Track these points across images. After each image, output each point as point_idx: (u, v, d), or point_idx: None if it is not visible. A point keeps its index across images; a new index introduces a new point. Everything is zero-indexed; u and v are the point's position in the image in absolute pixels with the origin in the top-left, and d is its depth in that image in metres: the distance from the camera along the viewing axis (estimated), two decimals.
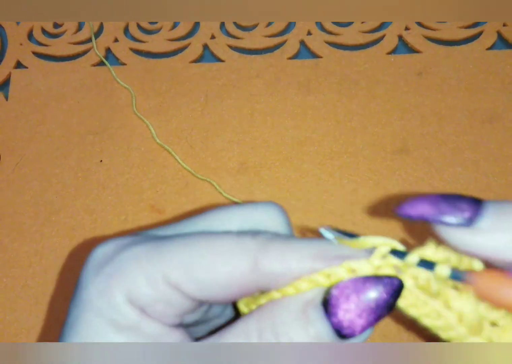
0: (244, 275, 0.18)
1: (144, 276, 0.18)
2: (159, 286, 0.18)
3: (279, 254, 0.18)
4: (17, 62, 0.53)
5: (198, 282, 0.18)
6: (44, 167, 0.48)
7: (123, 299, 0.18)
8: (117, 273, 0.19)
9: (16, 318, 0.42)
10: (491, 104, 0.47)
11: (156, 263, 0.19)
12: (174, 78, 0.51)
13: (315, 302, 0.18)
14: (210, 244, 0.19)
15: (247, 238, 0.19)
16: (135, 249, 0.19)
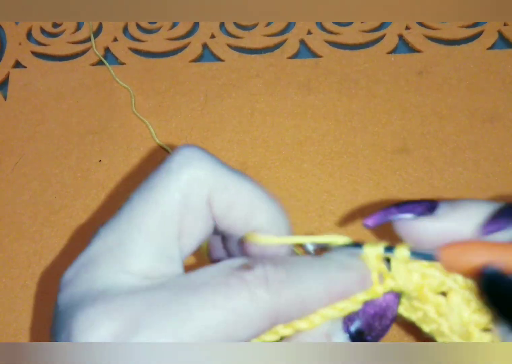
0: (266, 327, 0.18)
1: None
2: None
3: (299, 301, 0.19)
4: (16, 61, 0.53)
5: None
6: (43, 167, 0.48)
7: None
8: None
9: (15, 318, 0.42)
10: (492, 103, 0.47)
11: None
12: (174, 77, 0.51)
13: (336, 330, 0.19)
14: (225, 310, 0.17)
15: (261, 291, 0.18)
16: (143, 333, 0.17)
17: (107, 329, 0.17)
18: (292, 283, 0.19)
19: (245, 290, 0.18)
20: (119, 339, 0.17)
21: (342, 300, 0.19)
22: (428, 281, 0.20)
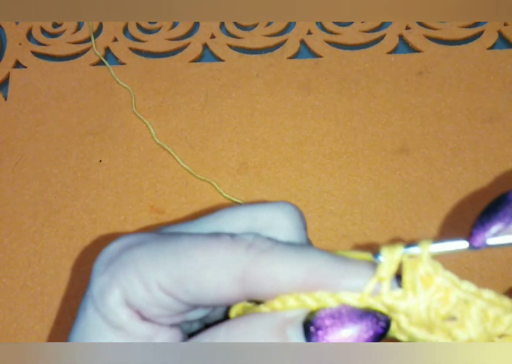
0: (232, 288, 0.19)
1: (140, 280, 0.19)
2: (154, 291, 0.19)
3: (269, 269, 0.18)
4: (16, 61, 0.53)
5: (189, 292, 0.19)
6: (43, 167, 0.48)
7: (119, 300, 0.19)
8: (118, 273, 0.19)
9: (15, 318, 0.42)
10: (492, 103, 0.47)
11: (151, 270, 0.19)
12: (174, 77, 0.51)
13: (295, 322, 0.18)
14: (202, 253, 0.19)
15: (241, 248, 0.19)
16: (136, 251, 0.20)
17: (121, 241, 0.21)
18: (272, 257, 0.18)
19: (228, 244, 0.19)
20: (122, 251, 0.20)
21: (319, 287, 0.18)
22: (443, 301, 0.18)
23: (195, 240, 0.19)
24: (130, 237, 0.21)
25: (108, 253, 0.21)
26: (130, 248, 0.20)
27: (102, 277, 0.20)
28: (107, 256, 0.21)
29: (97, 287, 0.20)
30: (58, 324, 0.42)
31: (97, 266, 0.21)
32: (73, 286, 0.43)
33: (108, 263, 0.20)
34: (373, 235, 0.43)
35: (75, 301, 0.43)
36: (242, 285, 0.18)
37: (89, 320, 0.20)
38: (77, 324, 0.20)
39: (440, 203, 0.44)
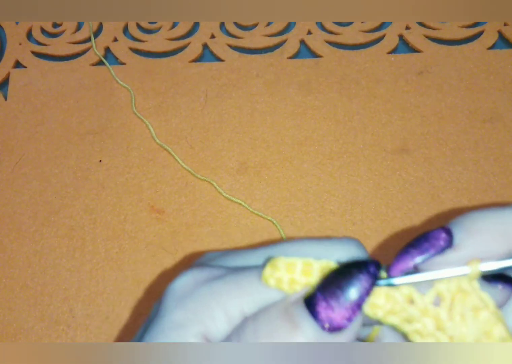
0: None
1: (224, 312, 0.19)
2: (236, 320, 0.19)
3: None
4: (16, 61, 0.53)
5: None
6: (43, 167, 0.48)
7: (197, 335, 0.19)
8: (198, 308, 0.19)
9: (15, 318, 0.42)
10: (492, 103, 0.47)
11: (235, 300, 0.19)
12: (174, 77, 0.51)
13: (299, 301, 0.19)
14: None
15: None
16: (214, 284, 0.20)
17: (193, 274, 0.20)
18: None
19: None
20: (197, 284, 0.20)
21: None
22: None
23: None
24: (200, 271, 0.20)
25: (180, 287, 0.20)
26: (207, 281, 0.20)
27: (175, 312, 0.19)
28: (180, 290, 0.20)
29: (170, 324, 0.19)
30: (58, 324, 0.42)
31: (167, 301, 0.20)
32: (73, 286, 0.43)
33: (181, 298, 0.20)
34: (373, 235, 0.43)
35: (75, 302, 0.43)
36: None
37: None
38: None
39: (440, 203, 0.44)
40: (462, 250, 0.19)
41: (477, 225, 0.19)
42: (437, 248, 0.19)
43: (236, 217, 0.44)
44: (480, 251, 0.19)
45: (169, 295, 0.20)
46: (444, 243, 0.19)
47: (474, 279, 0.19)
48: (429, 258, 0.19)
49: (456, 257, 0.19)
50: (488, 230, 0.19)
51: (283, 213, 0.44)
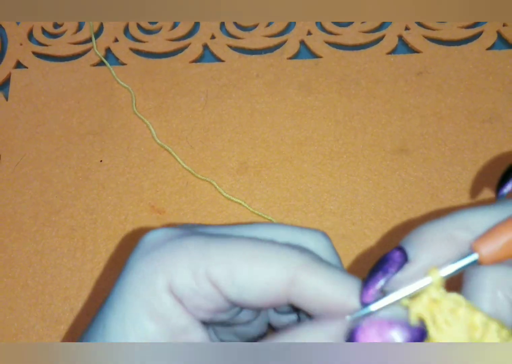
0: (280, 287, 0.19)
1: (190, 267, 0.19)
2: (201, 280, 0.19)
3: (319, 278, 0.19)
4: (17, 62, 0.53)
5: (237, 285, 0.19)
6: (44, 167, 0.48)
7: (164, 286, 0.19)
8: (165, 259, 0.19)
9: (16, 318, 0.42)
10: (491, 104, 0.47)
11: (203, 258, 0.19)
12: (174, 78, 0.51)
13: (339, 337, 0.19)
14: (256, 248, 0.19)
15: (295, 252, 0.19)
16: (186, 240, 0.20)
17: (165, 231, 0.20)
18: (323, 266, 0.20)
19: (284, 245, 0.20)
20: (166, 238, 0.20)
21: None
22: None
23: (250, 239, 0.20)
24: (172, 230, 0.21)
25: (150, 240, 0.20)
26: (180, 237, 0.20)
27: (143, 263, 0.19)
28: (150, 243, 0.20)
29: (138, 274, 0.19)
30: (59, 323, 0.42)
31: (137, 254, 0.20)
32: (74, 286, 0.43)
33: (149, 250, 0.20)
34: (372, 235, 0.43)
35: (76, 301, 0.43)
36: (288, 287, 0.19)
37: (128, 308, 0.19)
38: (113, 312, 0.19)
39: (439, 203, 0.44)
40: (418, 263, 0.20)
41: (425, 237, 0.20)
42: (396, 266, 0.20)
43: (236, 217, 0.44)
44: (433, 259, 0.20)
45: (138, 249, 0.20)
46: (401, 260, 0.20)
47: (439, 285, 0.20)
48: (391, 277, 0.20)
49: (415, 270, 0.20)
50: (435, 239, 0.20)
51: (283, 213, 0.44)
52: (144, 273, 0.19)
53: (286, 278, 0.19)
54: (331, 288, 0.19)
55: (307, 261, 0.19)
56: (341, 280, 0.19)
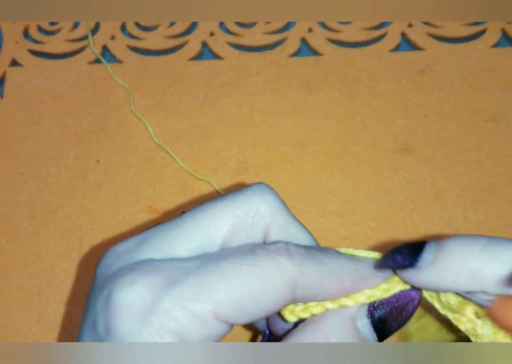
0: (285, 298, 0.20)
1: (194, 317, 0.18)
2: (210, 324, 0.19)
3: (316, 276, 0.20)
4: (12, 60, 0.52)
5: (248, 314, 0.19)
6: (40, 167, 0.47)
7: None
8: (165, 320, 0.18)
9: (12, 320, 0.42)
10: (495, 102, 0.47)
11: (203, 302, 0.18)
12: (173, 76, 0.50)
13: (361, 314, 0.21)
14: (251, 274, 0.19)
15: (284, 259, 0.20)
16: (175, 290, 0.18)
17: (144, 284, 0.18)
18: (312, 258, 0.20)
19: (270, 258, 0.19)
20: (154, 295, 0.18)
21: (356, 288, 0.21)
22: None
23: (234, 264, 0.19)
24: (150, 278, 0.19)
25: (136, 304, 0.18)
26: (165, 289, 0.18)
27: (145, 331, 0.18)
28: (138, 307, 0.18)
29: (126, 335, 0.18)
30: (55, 326, 0.41)
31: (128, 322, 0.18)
32: (70, 288, 0.43)
33: (145, 314, 0.18)
34: (374, 236, 0.43)
35: (72, 303, 0.42)
36: (293, 292, 0.20)
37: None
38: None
39: (443, 203, 0.43)
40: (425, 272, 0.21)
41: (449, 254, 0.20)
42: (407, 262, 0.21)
43: None
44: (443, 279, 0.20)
45: (125, 315, 0.18)
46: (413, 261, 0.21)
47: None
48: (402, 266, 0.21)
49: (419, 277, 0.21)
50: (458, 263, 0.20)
51: None
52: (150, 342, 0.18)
53: (289, 292, 0.20)
54: (333, 278, 0.20)
55: (299, 263, 0.20)
56: (334, 266, 0.21)
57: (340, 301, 0.21)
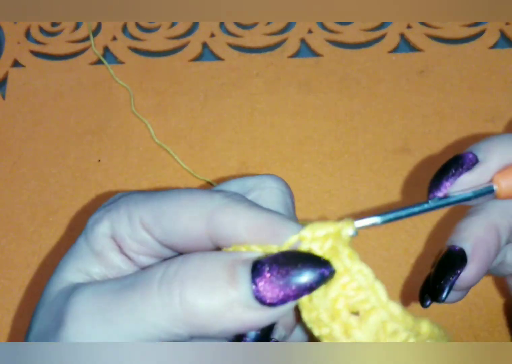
0: (198, 228, 0.21)
1: (127, 215, 0.22)
2: (135, 226, 0.22)
3: (231, 218, 0.20)
4: (14, 61, 0.53)
5: (163, 227, 0.21)
6: (41, 167, 0.47)
7: (105, 231, 0.22)
8: (112, 209, 0.22)
9: (13, 319, 0.42)
10: (493, 103, 0.47)
11: (138, 207, 0.22)
12: (173, 77, 0.50)
13: (247, 261, 0.20)
14: (181, 197, 0.22)
15: (216, 195, 0.21)
16: (133, 195, 0.23)
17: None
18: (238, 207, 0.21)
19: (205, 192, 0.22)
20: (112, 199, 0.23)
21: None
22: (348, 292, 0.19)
23: (180, 190, 0.22)
24: (136, 192, 0.23)
25: (111, 199, 0.24)
26: (128, 194, 0.23)
27: (98, 212, 0.23)
28: (109, 200, 0.24)
29: (91, 220, 0.23)
30: None
31: (99, 207, 0.23)
32: None
33: (108, 202, 0.23)
34: (374, 235, 0.43)
35: None
36: (207, 226, 0.21)
37: (76, 245, 0.23)
38: (69, 252, 0.23)
39: None
40: (486, 164, 0.24)
41: (494, 143, 0.24)
42: (467, 165, 0.24)
43: None
44: (501, 162, 0.23)
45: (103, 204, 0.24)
46: (472, 161, 0.24)
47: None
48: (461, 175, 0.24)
49: (483, 171, 0.23)
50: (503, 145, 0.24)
51: None
52: (95, 220, 0.23)
53: (203, 219, 0.21)
54: (246, 224, 0.20)
55: (226, 202, 0.21)
56: (255, 215, 0.20)
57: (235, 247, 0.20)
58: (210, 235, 0.21)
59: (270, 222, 0.21)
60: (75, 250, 0.23)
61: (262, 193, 0.24)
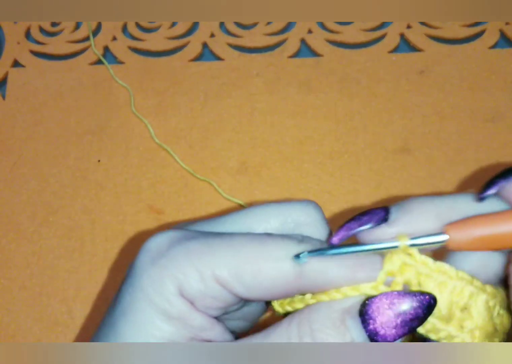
0: (288, 280, 0.20)
1: (196, 272, 0.20)
2: (208, 282, 0.20)
3: (322, 265, 0.20)
4: (14, 61, 0.53)
5: (245, 284, 0.20)
6: (41, 167, 0.47)
7: (174, 291, 0.20)
8: (171, 265, 0.20)
9: (13, 319, 0.42)
10: (494, 103, 0.47)
11: (207, 261, 0.20)
12: (173, 77, 0.50)
13: (352, 312, 0.20)
14: (258, 247, 0.20)
15: (293, 243, 0.20)
16: (188, 244, 0.21)
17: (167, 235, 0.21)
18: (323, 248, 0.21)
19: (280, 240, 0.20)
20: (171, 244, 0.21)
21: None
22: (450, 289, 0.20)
23: (248, 236, 0.21)
24: (172, 232, 0.22)
25: (155, 247, 0.21)
26: (181, 241, 0.21)
27: (151, 270, 0.20)
28: (155, 249, 0.21)
29: (148, 280, 0.20)
30: (56, 325, 0.42)
31: (141, 260, 0.21)
32: (72, 287, 0.43)
33: (155, 257, 0.21)
34: None
35: (74, 303, 0.42)
36: (297, 278, 0.20)
37: (142, 314, 0.20)
38: (127, 319, 0.20)
39: None
40: (395, 226, 0.21)
41: (413, 207, 0.22)
42: (374, 220, 0.21)
43: None
44: (411, 227, 0.21)
45: (143, 255, 0.21)
46: (381, 217, 0.21)
47: (404, 251, 0.21)
48: (366, 228, 0.21)
49: (390, 231, 0.21)
50: (422, 212, 0.21)
51: None
52: (154, 280, 0.20)
53: (292, 272, 0.20)
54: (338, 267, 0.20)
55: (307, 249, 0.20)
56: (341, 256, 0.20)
57: (330, 294, 0.20)
58: (299, 283, 0.20)
59: (359, 263, 0.20)
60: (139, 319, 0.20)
61: (315, 230, 0.23)
